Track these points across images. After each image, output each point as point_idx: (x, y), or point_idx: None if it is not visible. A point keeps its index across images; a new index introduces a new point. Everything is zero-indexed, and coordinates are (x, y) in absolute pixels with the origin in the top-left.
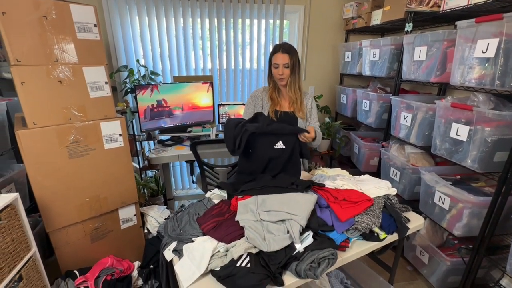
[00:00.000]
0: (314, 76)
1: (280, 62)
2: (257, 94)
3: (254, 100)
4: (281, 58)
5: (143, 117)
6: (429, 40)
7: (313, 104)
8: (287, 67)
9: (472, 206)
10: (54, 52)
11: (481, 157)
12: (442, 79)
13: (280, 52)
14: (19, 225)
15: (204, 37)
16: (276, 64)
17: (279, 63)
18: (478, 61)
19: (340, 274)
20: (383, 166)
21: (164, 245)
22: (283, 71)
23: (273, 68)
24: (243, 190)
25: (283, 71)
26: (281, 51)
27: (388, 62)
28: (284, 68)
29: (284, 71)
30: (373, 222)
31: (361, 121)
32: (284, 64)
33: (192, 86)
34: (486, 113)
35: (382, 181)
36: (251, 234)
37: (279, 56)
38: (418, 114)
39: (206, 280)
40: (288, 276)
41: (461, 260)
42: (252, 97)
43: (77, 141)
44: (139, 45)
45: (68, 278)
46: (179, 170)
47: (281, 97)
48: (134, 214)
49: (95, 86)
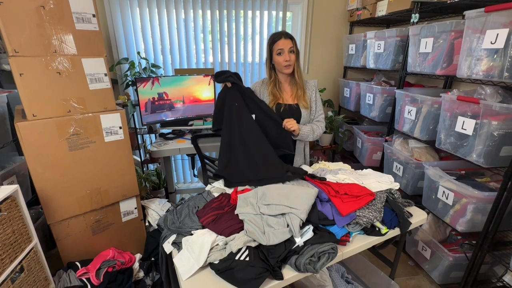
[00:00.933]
0: (317, 69)
1: (285, 47)
2: (254, 88)
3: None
4: (285, 43)
5: (144, 110)
6: (435, 31)
7: (317, 95)
8: (293, 52)
9: (476, 202)
10: (53, 43)
11: (487, 151)
12: (449, 72)
13: (283, 38)
14: (19, 216)
15: (205, 30)
16: (280, 50)
17: (285, 48)
18: (487, 53)
19: (341, 269)
20: (386, 160)
21: (163, 237)
22: (290, 57)
23: (277, 56)
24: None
25: (290, 57)
26: (283, 37)
27: (393, 54)
28: (290, 53)
29: (291, 56)
30: (374, 216)
31: (365, 115)
32: (290, 48)
33: (194, 79)
34: (493, 106)
35: (385, 175)
36: (251, 228)
37: (283, 42)
38: (423, 108)
39: (205, 272)
40: (287, 270)
41: (464, 255)
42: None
43: (77, 133)
44: (140, 37)
45: (70, 270)
46: (180, 163)
47: (283, 90)
48: (135, 207)
49: (95, 78)
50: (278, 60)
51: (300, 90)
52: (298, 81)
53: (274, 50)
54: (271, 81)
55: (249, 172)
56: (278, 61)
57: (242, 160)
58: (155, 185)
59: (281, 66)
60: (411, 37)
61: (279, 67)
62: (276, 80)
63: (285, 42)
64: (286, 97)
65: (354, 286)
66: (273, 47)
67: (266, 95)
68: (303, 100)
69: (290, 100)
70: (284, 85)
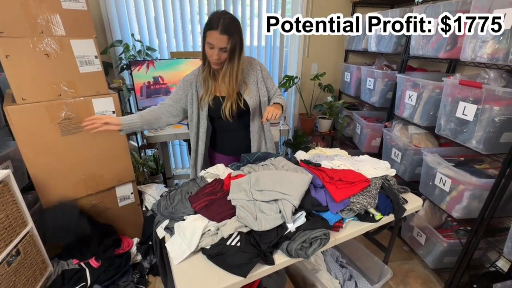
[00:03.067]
0: (317, 52)
1: (216, 43)
2: (189, 79)
3: (186, 86)
4: (218, 39)
5: (139, 94)
6: (440, 11)
7: (264, 72)
8: (225, 51)
9: (473, 188)
10: (39, 23)
11: (487, 137)
12: (452, 55)
13: (217, 31)
14: (13, 201)
15: (201, 11)
16: (210, 44)
17: (216, 45)
18: (492, 34)
19: (335, 253)
20: (385, 147)
21: (156, 223)
22: (220, 55)
23: (207, 47)
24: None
25: (220, 55)
26: (219, 32)
27: (396, 37)
28: (221, 52)
29: (221, 55)
30: (368, 203)
31: (365, 100)
32: (221, 48)
33: (190, 63)
34: (496, 91)
35: (381, 162)
36: (242, 213)
37: (216, 36)
38: (424, 93)
39: (196, 257)
40: (279, 255)
41: (458, 241)
42: (184, 82)
43: (68, 117)
44: (134, 18)
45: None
46: (178, 149)
47: (217, 78)
48: (131, 192)
49: (85, 61)
50: (207, 51)
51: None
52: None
53: (206, 38)
54: (204, 69)
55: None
56: (207, 52)
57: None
58: (153, 170)
59: (209, 59)
60: None
61: (208, 59)
62: (211, 69)
63: (218, 38)
64: (223, 89)
65: (348, 270)
66: (206, 33)
67: (200, 87)
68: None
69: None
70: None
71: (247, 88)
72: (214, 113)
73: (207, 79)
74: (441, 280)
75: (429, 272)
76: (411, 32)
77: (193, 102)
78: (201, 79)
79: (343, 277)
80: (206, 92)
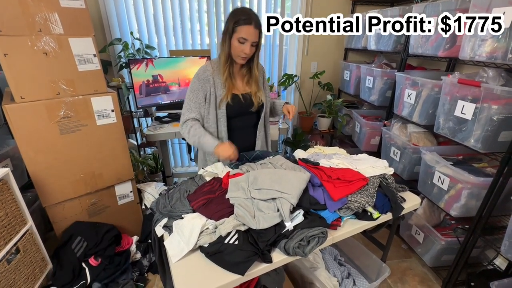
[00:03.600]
0: (317, 51)
1: (249, 38)
2: (206, 76)
3: (204, 86)
4: (251, 33)
5: (138, 93)
6: (440, 10)
7: (265, 75)
8: (254, 46)
9: (471, 187)
10: (37, 22)
11: (485, 136)
12: (451, 53)
13: (252, 26)
14: (12, 199)
15: (201, 9)
16: (243, 39)
17: (248, 39)
18: (492, 34)
19: (334, 251)
20: (384, 145)
21: (155, 221)
22: (250, 50)
23: (237, 42)
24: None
25: (250, 50)
26: (253, 25)
27: (395, 35)
28: (251, 46)
29: (251, 49)
30: (366, 201)
31: (364, 98)
32: (253, 42)
33: (189, 61)
34: (495, 89)
35: (379, 160)
36: (241, 212)
37: (250, 31)
38: (423, 92)
39: (194, 255)
40: (276, 254)
41: (456, 239)
42: (200, 81)
43: (67, 116)
44: (133, 16)
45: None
46: (178, 147)
47: (235, 76)
48: (130, 191)
49: (83, 59)
50: (236, 47)
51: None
52: (254, 75)
53: (236, 33)
54: (227, 66)
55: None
56: (235, 47)
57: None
58: (152, 168)
59: (236, 54)
60: None
61: (234, 55)
62: (231, 66)
63: (251, 32)
64: (238, 85)
65: (346, 268)
66: (236, 28)
67: (219, 85)
68: (255, 97)
69: (241, 89)
70: (235, 69)
71: (258, 89)
72: (232, 111)
73: (229, 77)
74: (439, 278)
75: (427, 270)
76: (411, 32)
77: (210, 100)
78: (220, 77)
79: (341, 275)
80: (228, 90)
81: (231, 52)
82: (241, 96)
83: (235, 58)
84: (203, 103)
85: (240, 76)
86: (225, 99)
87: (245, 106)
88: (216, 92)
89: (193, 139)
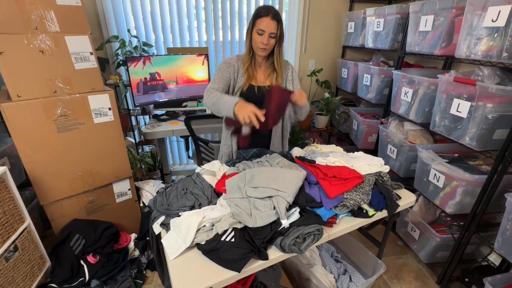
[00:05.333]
0: (315, 48)
1: (266, 29)
2: (231, 62)
3: (229, 68)
4: (269, 24)
5: (136, 91)
6: (436, 8)
7: (294, 74)
8: (274, 37)
9: (466, 184)
10: (33, 19)
11: (480, 134)
12: (448, 52)
13: (269, 17)
14: (10, 198)
15: (198, 6)
16: (261, 30)
17: (266, 30)
18: (487, 31)
19: (330, 248)
20: (381, 143)
21: (153, 219)
22: (268, 41)
23: (256, 34)
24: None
25: (268, 41)
26: (270, 16)
27: (393, 33)
28: (270, 37)
29: (270, 41)
30: (362, 199)
31: (361, 96)
32: (271, 33)
33: (187, 59)
34: (490, 88)
35: (375, 158)
36: (237, 210)
37: (267, 22)
38: (420, 90)
39: (191, 253)
40: (273, 251)
41: (451, 236)
42: (227, 64)
43: (64, 114)
44: (130, 13)
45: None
46: (176, 145)
47: (257, 68)
48: (128, 189)
49: (80, 57)
50: (256, 39)
51: (279, 77)
52: (277, 68)
53: (256, 26)
54: (249, 58)
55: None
56: (255, 40)
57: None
58: (150, 166)
59: (256, 46)
60: (411, 15)
61: (254, 47)
62: (253, 58)
63: (269, 23)
64: (259, 77)
65: (343, 264)
66: (256, 21)
67: (241, 73)
68: (276, 81)
69: (262, 81)
70: (260, 64)
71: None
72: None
73: (250, 67)
74: (434, 274)
75: (423, 266)
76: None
77: (230, 85)
78: (242, 66)
79: (337, 272)
80: (247, 79)
81: (252, 45)
82: (256, 88)
83: (256, 50)
84: (227, 82)
85: (262, 69)
86: (244, 87)
87: (258, 98)
88: (237, 78)
89: (212, 102)
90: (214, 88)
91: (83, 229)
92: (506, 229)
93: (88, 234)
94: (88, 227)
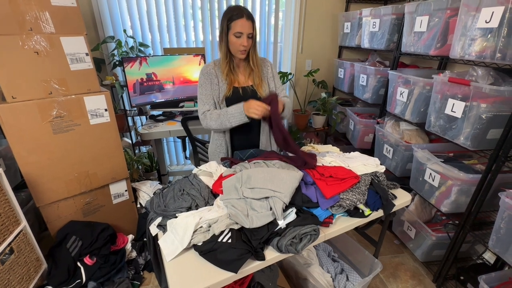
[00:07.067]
0: (311, 48)
1: (244, 30)
2: (209, 70)
3: (209, 78)
4: (245, 25)
5: (132, 91)
6: (431, 9)
7: (274, 71)
8: (251, 37)
9: (461, 184)
10: (28, 20)
11: (475, 134)
12: (442, 52)
13: (244, 18)
14: (5, 200)
15: (195, 6)
16: (238, 33)
17: (243, 32)
18: (481, 32)
19: (327, 247)
20: (377, 143)
21: (150, 220)
22: (248, 42)
23: (233, 37)
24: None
25: (248, 42)
26: (245, 17)
27: (388, 33)
28: (248, 38)
29: (249, 42)
30: (358, 199)
31: (358, 96)
32: (249, 34)
33: (183, 59)
34: (483, 88)
35: (371, 158)
36: (233, 211)
37: (243, 23)
38: (415, 90)
39: (188, 254)
40: (269, 251)
41: (447, 235)
42: (204, 75)
43: (60, 116)
44: (126, 13)
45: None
46: (173, 145)
47: (236, 71)
48: (125, 190)
49: (75, 58)
50: (235, 42)
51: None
52: (254, 69)
53: (231, 29)
54: (227, 62)
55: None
56: (234, 43)
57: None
58: (147, 167)
59: (235, 49)
60: (406, 15)
61: (233, 50)
62: (231, 61)
63: (245, 25)
64: (240, 79)
65: (340, 264)
66: (230, 24)
67: (222, 80)
68: (260, 88)
69: (243, 82)
70: (239, 65)
71: (261, 81)
72: (230, 104)
73: (230, 73)
74: (430, 272)
75: (419, 265)
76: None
77: (213, 92)
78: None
79: (334, 271)
80: (230, 84)
81: (229, 49)
82: (241, 89)
83: (235, 53)
84: (212, 95)
85: (241, 70)
86: (227, 93)
87: (243, 99)
88: (219, 84)
89: (216, 120)
90: (208, 111)
91: (80, 231)
92: (500, 228)
93: (84, 235)
94: (84, 228)
